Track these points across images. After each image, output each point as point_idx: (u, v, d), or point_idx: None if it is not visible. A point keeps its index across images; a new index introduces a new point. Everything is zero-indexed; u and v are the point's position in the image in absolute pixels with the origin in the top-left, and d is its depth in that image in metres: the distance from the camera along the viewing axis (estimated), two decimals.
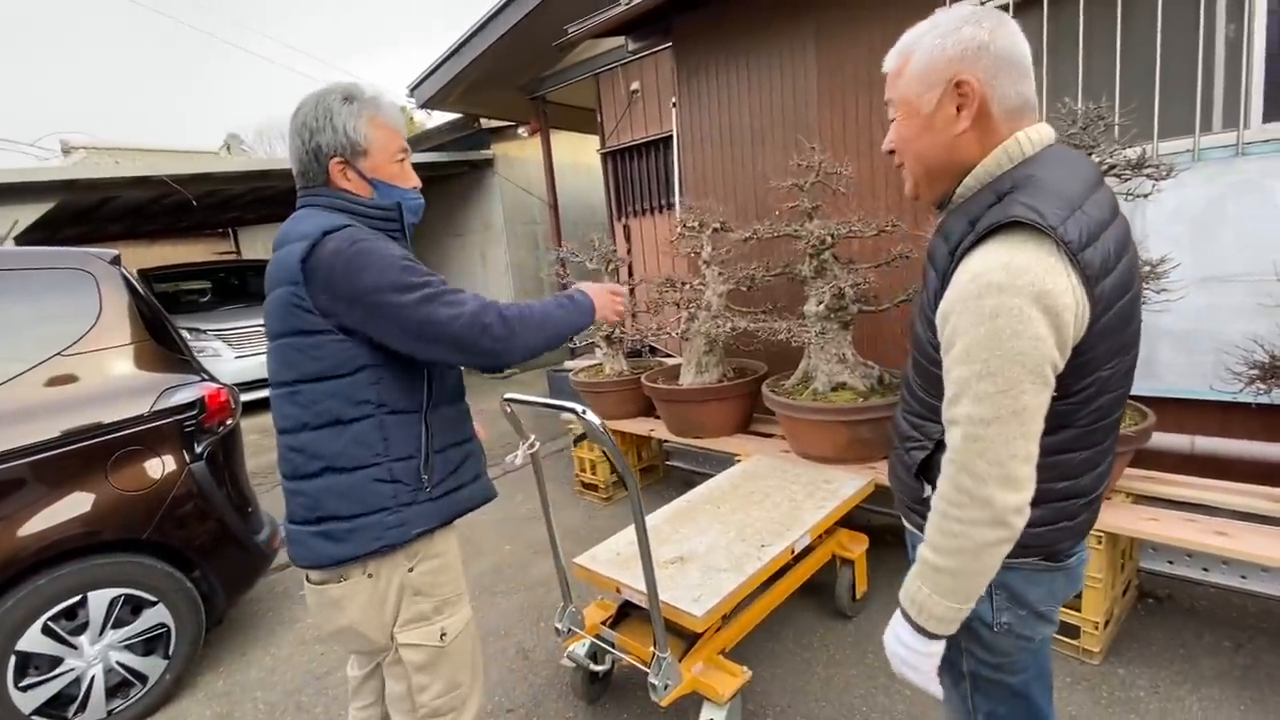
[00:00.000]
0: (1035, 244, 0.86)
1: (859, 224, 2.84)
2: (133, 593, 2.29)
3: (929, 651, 1.00)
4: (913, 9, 3.06)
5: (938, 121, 0.97)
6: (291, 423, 1.26)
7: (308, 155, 1.26)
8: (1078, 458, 0.99)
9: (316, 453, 1.24)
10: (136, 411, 2.36)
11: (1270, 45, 2.36)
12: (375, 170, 1.29)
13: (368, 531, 1.24)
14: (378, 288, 1.16)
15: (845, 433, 2.77)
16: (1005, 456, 0.87)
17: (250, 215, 10.16)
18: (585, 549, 2.26)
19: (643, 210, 5.85)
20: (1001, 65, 0.93)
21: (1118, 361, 0.95)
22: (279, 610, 3.04)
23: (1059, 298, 0.84)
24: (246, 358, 6.99)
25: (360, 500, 1.24)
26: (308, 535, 1.27)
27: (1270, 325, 2.30)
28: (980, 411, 0.88)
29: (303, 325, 1.20)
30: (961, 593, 0.95)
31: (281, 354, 1.25)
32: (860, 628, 2.49)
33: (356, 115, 1.26)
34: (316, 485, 1.25)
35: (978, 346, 0.88)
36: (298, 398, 1.24)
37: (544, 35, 5.32)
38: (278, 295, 1.23)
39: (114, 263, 2.52)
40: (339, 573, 1.29)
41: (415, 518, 1.28)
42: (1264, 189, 2.38)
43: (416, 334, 1.19)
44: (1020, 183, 0.92)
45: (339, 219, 1.22)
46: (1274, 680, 2.03)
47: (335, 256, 1.16)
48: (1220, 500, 2.26)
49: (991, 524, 0.89)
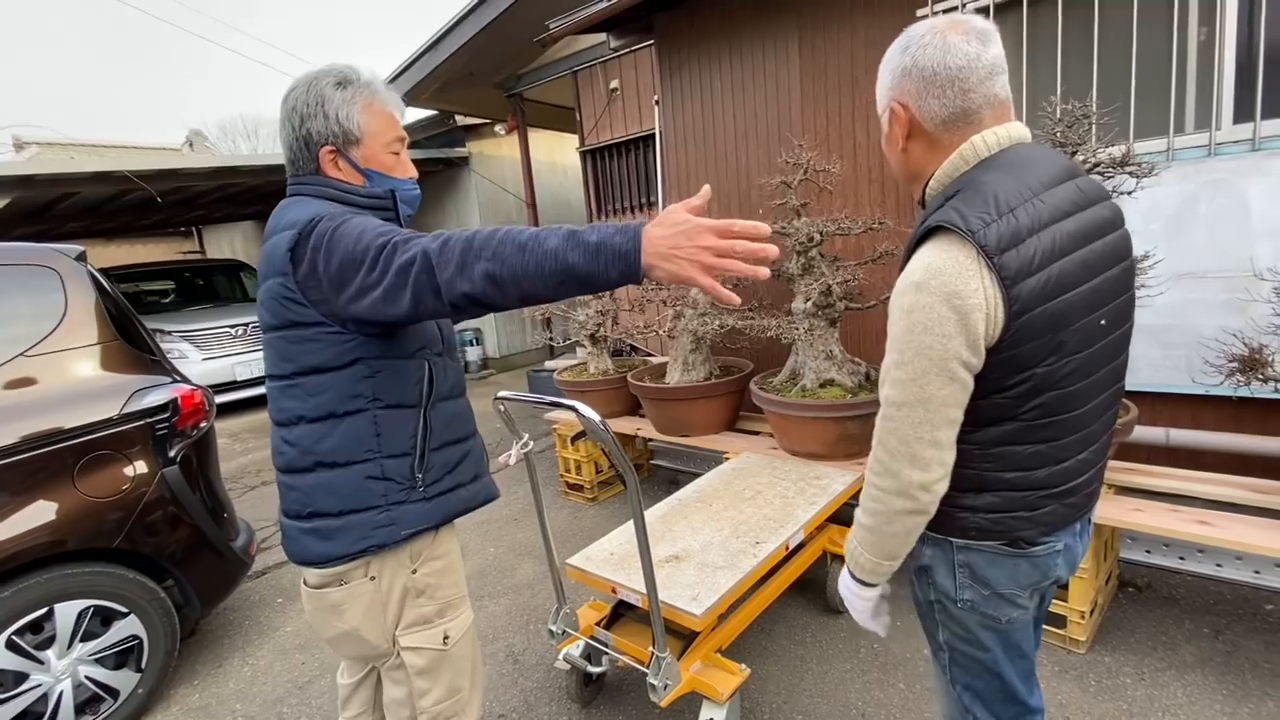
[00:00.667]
0: (958, 247, 0.93)
1: (847, 221, 2.86)
2: (102, 604, 2.19)
3: (864, 595, 1.17)
4: (894, 10, 3.12)
5: (891, 139, 1.09)
6: (288, 416, 1.21)
7: (298, 143, 1.21)
8: (1025, 450, 1.03)
9: (310, 447, 1.20)
10: (105, 414, 2.26)
11: (1240, 49, 2.44)
12: (368, 160, 1.24)
13: (356, 530, 1.20)
14: (351, 255, 1.06)
15: (834, 429, 2.78)
16: (911, 438, 0.98)
17: (217, 213, 9.86)
18: (572, 550, 2.23)
19: (623, 209, 5.82)
20: (925, 85, 1.00)
21: (1055, 360, 0.97)
22: (256, 619, 2.94)
23: (968, 298, 0.92)
24: (214, 359, 6.79)
25: (350, 497, 1.20)
26: (300, 531, 1.23)
27: (1243, 320, 2.37)
28: (895, 395, 0.99)
29: (295, 317, 1.15)
30: (880, 549, 1.09)
31: (278, 347, 1.19)
32: (852, 623, 2.50)
33: (350, 102, 1.20)
34: (309, 480, 1.21)
35: (897, 338, 0.98)
36: (295, 391, 1.19)
37: (521, 32, 5.26)
38: (268, 287, 1.17)
39: (80, 259, 2.41)
40: (338, 575, 1.24)
41: (405, 518, 1.23)
42: (1235, 188, 2.45)
43: (388, 292, 1.03)
44: (964, 186, 0.98)
45: (330, 208, 1.16)
46: (1255, 665, 2.09)
47: (318, 238, 1.09)
48: (1197, 490, 2.32)
49: (898, 494, 1.01)
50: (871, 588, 1.16)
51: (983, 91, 0.99)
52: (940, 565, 1.13)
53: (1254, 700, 1.95)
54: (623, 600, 2.05)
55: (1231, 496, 2.27)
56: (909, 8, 3.06)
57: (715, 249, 0.90)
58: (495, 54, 5.90)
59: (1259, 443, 2.50)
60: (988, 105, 1.00)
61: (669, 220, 0.92)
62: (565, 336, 4.20)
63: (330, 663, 2.57)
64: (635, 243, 0.91)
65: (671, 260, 0.91)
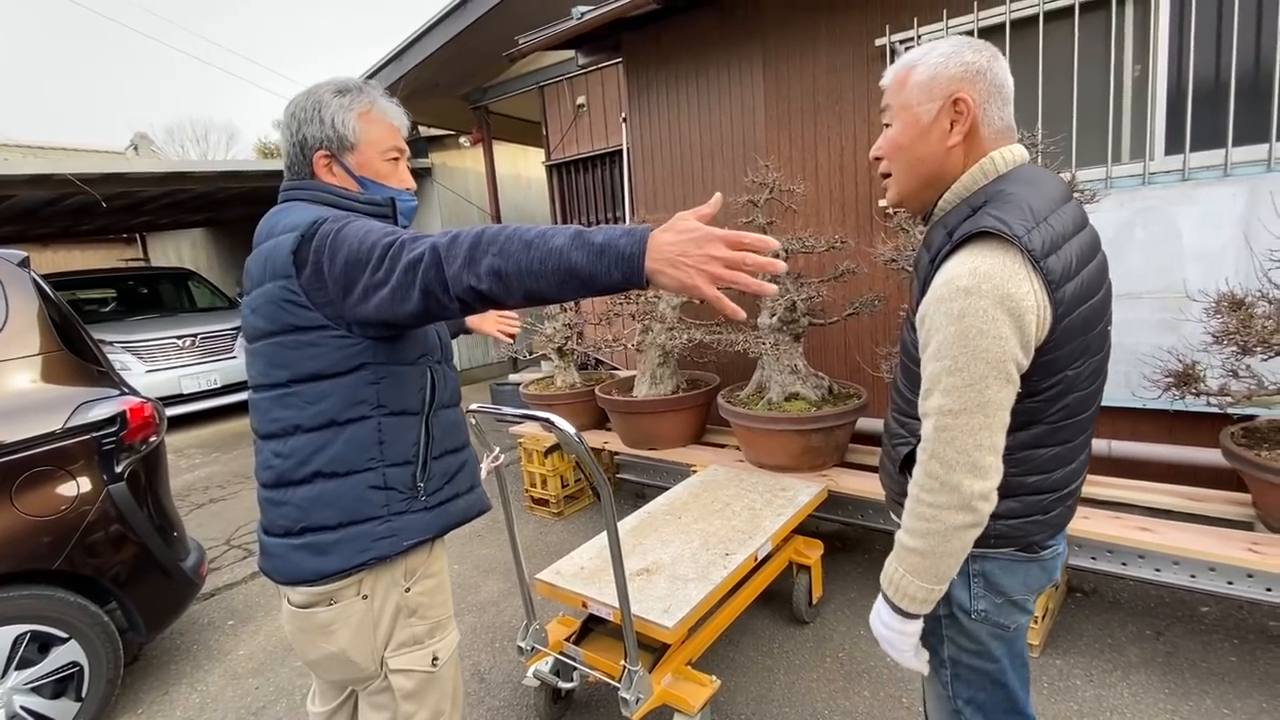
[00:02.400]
0: (1002, 252, 0.94)
1: (810, 239, 2.94)
2: (40, 629, 2.07)
3: (906, 630, 1.08)
4: (853, 40, 3.25)
5: (934, 132, 1.05)
6: (281, 426, 1.16)
7: (295, 148, 1.22)
8: (1047, 453, 1.06)
9: (307, 457, 1.15)
10: (47, 428, 2.15)
11: (1171, 86, 2.63)
12: (362, 166, 1.23)
13: (355, 542, 1.16)
14: (356, 256, 1.05)
15: (799, 441, 2.84)
16: (971, 446, 0.95)
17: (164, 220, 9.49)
18: (539, 565, 2.21)
19: (589, 223, 5.85)
20: (994, 91, 1.04)
21: (1083, 362, 1.02)
22: (206, 643, 2.81)
23: (1021, 300, 0.92)
24: (159, 372, 6.52)
25: (350, 508, 1.16)
26: (289, 549, 1.17)
27: (1176, 338, 2.53)
28: (949, 403, 0.96)
29: (296, 321, 1.11)
30: (933, 573, 1.02)
31: (270, 354, 1.15)
32: (818, 632, 2.54)
33: (347, 108, 1.20)
34: (304, 493, 1.16)
35: (948, 344, 0.95)
36: (292, 399, 1.14)
37: (489, 45, 5.27)
38: (266, 291, 1.13)
39: (22, 265, 2.30)
40: (328, 594, 1.19)
41: (407, 528, 1.20)
42: (1168, 215, 2.63)
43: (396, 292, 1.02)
44: (992, 197, 1.00)
45: (327, 211, 1.14)
46: (1193, 665, 2.21)
47: (323, 240, 1.08)
48: (1137, 498, 2.46)
49: (959, 508, 0.96)
50: (916, 620, 1.07)
51: (1011, 112, 1.07)
52: (955, 577, 1.08)
53: (1194, 698, 2.06)
54: (593, 615, 2.04)
55: (1169, 504, 2.41)
56: (867, 38, 3.20)
57: (725, 260, 0.87)
58: (462, 66, 5.88)
59: (1192, 453, 2.66)
60: (1012, 127, 1.08)
61: (678, 227, 0.90)
62: (529, 350, 4.18)
63: (286, 686, 2.47)
64: (641, 246, 0.89)
65: (679, 267, 0.88)
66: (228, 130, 37.00)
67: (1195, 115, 2.54)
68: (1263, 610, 2.45)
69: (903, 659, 1.11)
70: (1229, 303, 2.13)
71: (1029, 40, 2.83)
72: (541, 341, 3.99)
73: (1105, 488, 2.54)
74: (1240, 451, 2.10)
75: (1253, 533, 2.15)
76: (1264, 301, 2.08)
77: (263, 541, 1.24)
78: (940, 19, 2.97)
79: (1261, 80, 2.45)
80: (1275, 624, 2.38)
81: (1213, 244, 2.53)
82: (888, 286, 3.18)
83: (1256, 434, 2.23)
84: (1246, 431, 2.26)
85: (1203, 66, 2.56)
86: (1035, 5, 2.77)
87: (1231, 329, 2.05)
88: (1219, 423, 2.37)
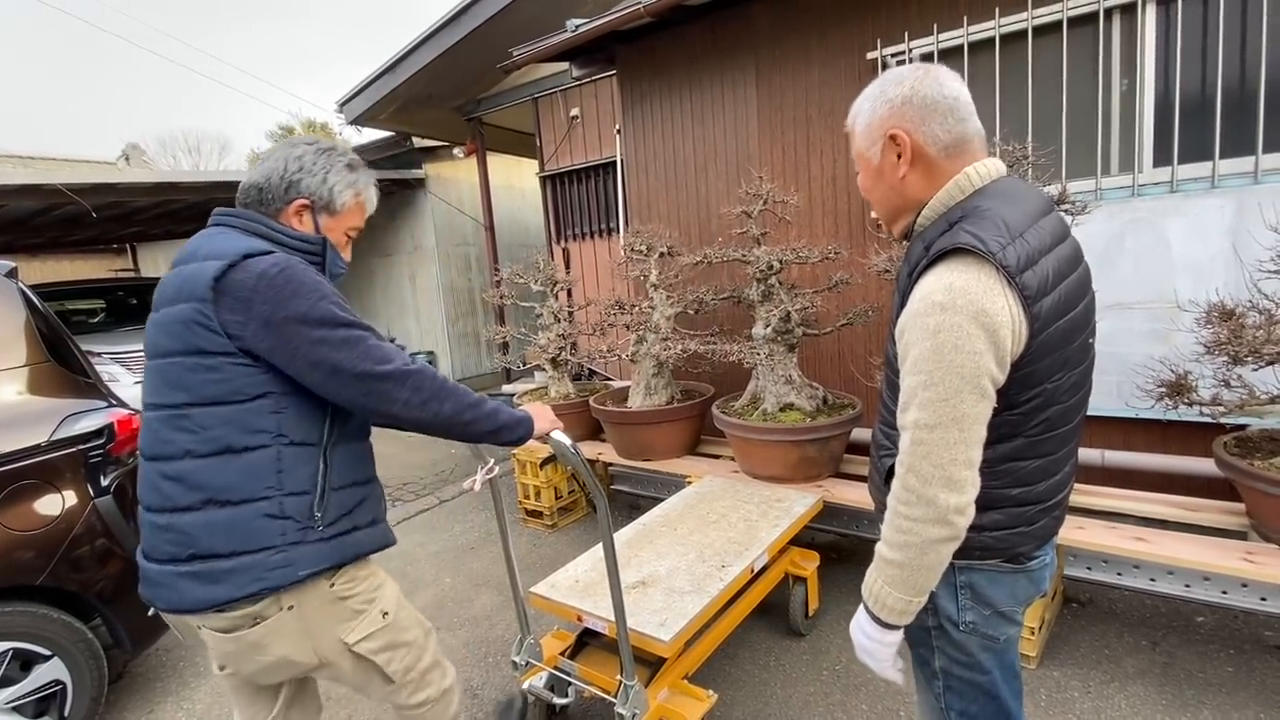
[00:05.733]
0: (977, 268, 0.95)
1: (804, 250, 2.95)
2: (23, 646, 2.02)
3: (886, 641, 1.09)
4: (844, 53, 3.28)
5: (885, 170, 1.10)
6: (171, 449, 1.18)
7: (280, 183, 1.29)
8: (1029, 466, 1.07)
9: (199, 483, 1.17)
10: (33, 441, 2.11)
11: (1158, 99, 2.66)
12: (329, 230, 1.35)
13: (248, 572, 1.17)
14: (304, 318, 1.15)
15: (794, 452, 2.83)
16: (947, 460, 0.96)
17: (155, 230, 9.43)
18: (533, 578, 2.19)
19: (583, 234, 5.86)
20: (926, 111, 1.04)
21: (1063, 375, 1.03)
22: (192, 659, 2.76)
23: (995, 316, 0.94)
24: None
25: (244, 537, 1.17)
26: (174, 576, 1.18)
27: (1168, 348, 2.55)
28: (924, 418, 0.97)
29: (203, 345, 1.15)
30: (910, 585, 1.03)
31: (169, 374, 1.18)
32: (814, 645, 2.52)
33: (348, 185, 1.35)
34: (192, 519, 1.17)
35: (923, 359, 0.97)
36: (184, 422, 1.17)
37: (483, 57, 5.28)
38: (177, 311, 1.17)
39: (10, 275, 2.27)
40: (249, 616, 1.19)
41: (303, 558, 1.21)
42: (1157, 226, 2.65)
43: (330, 371, 1.17)
44: (969, 213, 1.01)
45: (258, 244, 1.21)
46: (1190, 675, 2.21)
47: (260, 279, 1.14)
48: (1131, 508, 2.47)
49: (935, 522, 0.97)
50: (895, 631, 1.09)
51: (972, 124, 1.06)
52: (941, 588, 1.11)
53: (1190, 709, 2.05)
54: (588, 628, 2.02)
55: (1162, 514, 2.41)
56: (859, 51, 3.23)
57: None
58: (456, 78, 5.89)
59: (1186, 463, 2.67)
60: (977, 136, 1.07)
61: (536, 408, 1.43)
62: (523, 361, 4.16)
63: None
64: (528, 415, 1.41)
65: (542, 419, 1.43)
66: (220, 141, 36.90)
67: (1182, 128, 2.58)
68: (1258, 620, 2.45)
69: (880, 669, 1.11)
70: (1219, 313, 2.14)
71: (1018, 54, 2.86)
72: (535, 352, 3.97)
73: (1099, 498, 2.54)
74: (1233, 461, 2.11)
75: (1247, 542, 2.16)
76: (1254, 312, 2.09)
77: (143, 568, 1.23)
78: (930, 33, 3.00)
79: (1247, 94, 2.49)
80: (1271, 633, 2.38)
81: (1202, 255, 2.56)
82: (881, 296, 3.19)
83: (1249, 443, 2.24)
84: (1239, 441, 2.27)
85: (1189, 80, 2.59)
86: (1024, 20, 2.81)
87: (1223, 339, 2.06)
88: (1212, 432, 2.38)
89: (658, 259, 3.47)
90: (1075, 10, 2.72)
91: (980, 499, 1.01)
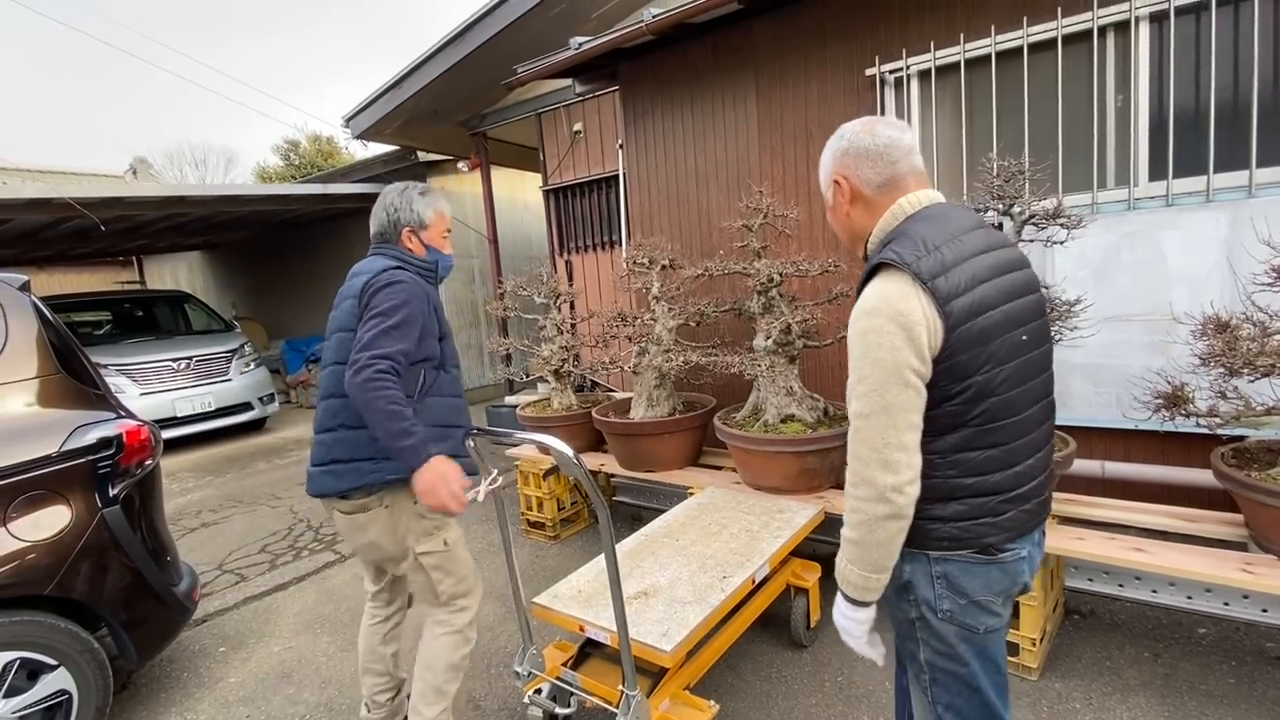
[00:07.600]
0: (897, 277, 1.14)
1: (805, 263, 2.98)
2: (29, 656, 2.04)
3: (858, 618, 1.23)
4: (844, 70, 3.33)
5: (837, 207, 1.33)
6: (328, 391, 1.84)
7: (389, 222, 1.93)
8: (979, 456, 1.18)
9: (337, 414, 1.82)
10: (43, 452, 2.14)
11: (1153, 114, 2.70)
12: (430, 240, 1.97)
13: (356, 472, 1.80)
14: (373, 306, 1.75)
15: (796, 463, 2.85)
16: (880, 444, 1.12)
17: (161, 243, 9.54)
18: (535, 589, 2.21)
19: (585, 247, 5.91)
20: (859, 158, 1.26)
21: (991, 368, 1.15)
22: (197, 670, 2.77)
23: (909, 315, 1.10)
24: (152, 395, 6.49)
25: (354, 449, 1.80)
26: (320, 473, 1.84)
27: (1165, 360, 2.57)
28: (860, 407, 1.14)
29: (354, 326, 1.77)
30: (867, 561, 1.18)
31: (340, 342, 1.82)
32: (816, 656, 2.53)
33: (428, 205, 1.96)
34: (331, 437, 1.83)
35: (856, 358, 1.15)
36: (338, 374, 1.77)
37: (487, 73, 5.36)
38: (347, 305, 1.84)
39: (23, 289, 2.31)
40: (362, 505, 1.83)
41: (389, 467, 1.78)
42: (1153, 239, 2.68)
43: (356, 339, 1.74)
44: (897, 235, 1.21)
45: (392, 263, 1.85)
46: (1192, 687, 2.21)
47: (372, 288, 1.77)
48: (1132, 519, 2.47)
49: (876, 500, 1.13)
50: (864, 607, 1.22)
51: (906, 163, 1.25)
52: (920, 578, 1.23)
53: (1193, 719, 2.06)
54: (590, 639, 2.03)
55: (1162, 525, 2.42)
56: (858, 68, 3.28)
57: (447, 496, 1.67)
58: (460, 93, 5.97)
59: (1184, 474, 2.68)
60: (911, 174, 1.26)
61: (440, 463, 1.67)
62: (525, 372, 4.19)
63: (278, 715, 2.44)
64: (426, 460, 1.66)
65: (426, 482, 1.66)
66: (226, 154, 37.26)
67: (1177, 143, 2.61)
68: (1259, 631, 2.45)
69: (857, 645, 1.26)
70: (1215, 325, 2.16)
71: (1015, 71, 2.91)
72: (538, 364, 4.00)
73: (1099, 508, 2.55)
74: (1231, 472, 2.12)
75: (1246, 553, 2.17)
76: (1249, 324, 2.11)
77: (308, 470, 1.89)
78: (928, 49, 3.05)
79: (1240, 109, 2.53)
80: (1273, 645, 2.38)
81: (1198, 268, 2.59)
82: None
83: (1246, 454, 2.26)
84: (1236, 452, 2.28)
85: (1183, 96, 2.63)
86: (1019, 38, 2.85)
87: (1218, 351, 2.08)
88: (1209, 443, 2.40)
89: (660, 271, 3.51)
90: (1070, 28, 2.77)
91: (941, 490, 1.17)
